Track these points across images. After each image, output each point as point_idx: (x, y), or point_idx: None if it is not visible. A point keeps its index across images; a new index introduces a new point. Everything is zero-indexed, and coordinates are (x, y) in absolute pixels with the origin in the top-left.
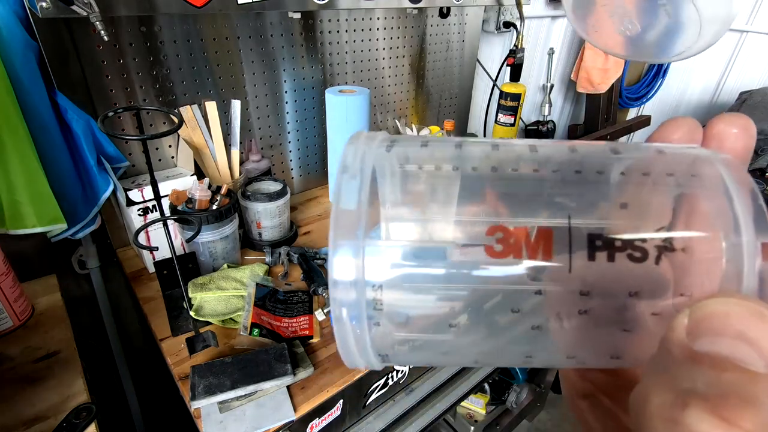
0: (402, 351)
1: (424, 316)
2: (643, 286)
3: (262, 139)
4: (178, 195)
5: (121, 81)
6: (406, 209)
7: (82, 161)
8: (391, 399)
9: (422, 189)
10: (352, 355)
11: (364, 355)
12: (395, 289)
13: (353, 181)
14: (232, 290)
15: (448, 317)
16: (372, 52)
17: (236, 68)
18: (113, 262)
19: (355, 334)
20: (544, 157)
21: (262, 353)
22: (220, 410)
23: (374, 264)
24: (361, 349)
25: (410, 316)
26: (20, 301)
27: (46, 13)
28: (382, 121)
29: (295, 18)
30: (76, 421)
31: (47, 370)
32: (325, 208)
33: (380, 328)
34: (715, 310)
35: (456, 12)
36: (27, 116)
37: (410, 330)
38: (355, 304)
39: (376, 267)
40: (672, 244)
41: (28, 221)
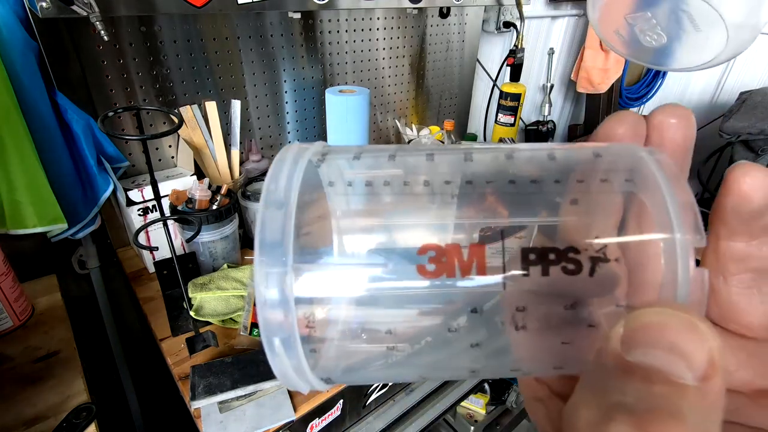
0: (343, 373)
1: (360, 339)
2: (579, 299)
3: (262, 139)
4: (178, 195)
5: (121, 81)
6: (348, 224)
7: (82, 161)
8: (391, 399)
9: (356, 207)
10: (292, 380)
11: (303, 379)
12: (328, 310)
13: (277, 212)
14: (232, 290)
15: (385, 340)
16: (372, 52)
17: (236, 68)
18: (113, 262)
19: (291, 363)
20: (479, 167)
21: (262, 353)
22: (220, 410)
23: (304, 287)
24: (300, 376)
25: (346, 340)
26: (20, 301)
27: (46, 13)
28: (382, 121)
29: (295, 18)
30: (76, 421)
31: (47, 370)
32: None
33: (316, 354)
34: (649, 321)
35: (456, 12)
36: (27, 116)
37: (347, 354)
38: (285, 330)
39: (306, 290)
40: (605, 255)
41: (28, 221)
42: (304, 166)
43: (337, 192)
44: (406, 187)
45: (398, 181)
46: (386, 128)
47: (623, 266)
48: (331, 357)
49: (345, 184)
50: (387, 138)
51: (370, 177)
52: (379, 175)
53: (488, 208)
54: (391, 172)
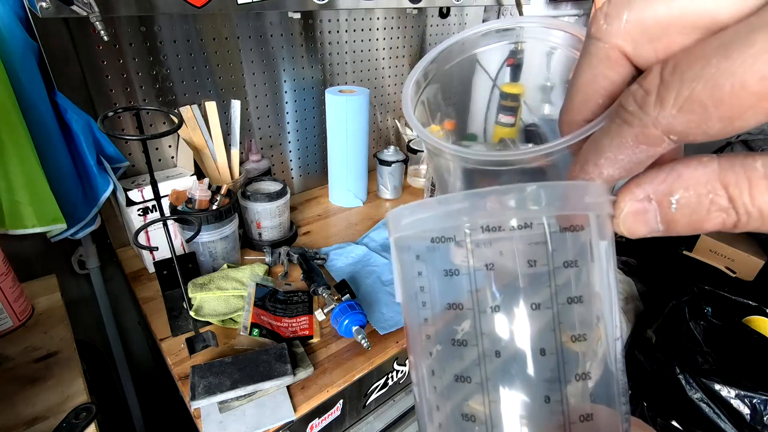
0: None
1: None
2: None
3: (262, 139)
4: (178, 195)
5: (121, 81)
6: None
7: (82, 161)
8: (391, 399)
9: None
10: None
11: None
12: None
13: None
14: (232, 290)
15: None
16: (372, 52)
17: (236, 68)
18: (113, 262)
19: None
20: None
21: (262, 353)
22: (220, 410)
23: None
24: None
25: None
26: (20, 301)
27: (46, 13)
28: (382, 121)
29: (295, 18)
30: (76, 421)
31: (47, 370)
32: (325, 208)
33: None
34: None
35: (456, 12)
36: (27, 116)
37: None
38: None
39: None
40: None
41: (27, 221)
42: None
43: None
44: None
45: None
46: (386, 128)
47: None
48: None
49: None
50: (387, 138)
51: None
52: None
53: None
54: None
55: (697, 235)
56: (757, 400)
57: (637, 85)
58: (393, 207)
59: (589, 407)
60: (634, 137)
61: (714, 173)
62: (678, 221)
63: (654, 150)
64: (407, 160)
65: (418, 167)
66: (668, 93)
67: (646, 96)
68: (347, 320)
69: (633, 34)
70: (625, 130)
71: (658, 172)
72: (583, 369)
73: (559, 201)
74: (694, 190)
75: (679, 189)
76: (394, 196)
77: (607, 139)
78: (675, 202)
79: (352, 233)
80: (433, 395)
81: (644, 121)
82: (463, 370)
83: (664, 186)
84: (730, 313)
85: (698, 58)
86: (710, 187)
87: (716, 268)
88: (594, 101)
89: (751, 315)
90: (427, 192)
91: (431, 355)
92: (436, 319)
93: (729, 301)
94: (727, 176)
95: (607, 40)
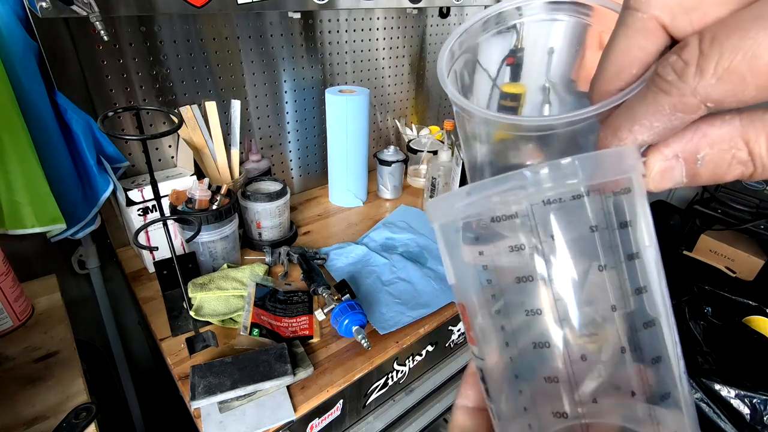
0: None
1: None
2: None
3: (262, 139)
4: (178, 195)
5: (121, 81)
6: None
7: (82, 161)
8: (391, 399)
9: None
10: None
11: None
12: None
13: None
14: (232, 290)
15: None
16: (372, 52)
17: (236, 68)
18: (113, 262)
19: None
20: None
21: (262, 353)
22: (220, 410)
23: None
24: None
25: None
26: (20, 301)
27: (46, 13)
28: (382, 121)
29: (295, 18)
30: (76, 421)
31: (47, 370)
32: (325, 208)
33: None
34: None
35: (456, 12)
36: (27, 116)
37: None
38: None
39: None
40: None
41: (27, 221)
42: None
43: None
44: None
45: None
46: (386, 128)
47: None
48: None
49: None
50: (387, 138)
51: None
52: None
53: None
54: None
55: (697, 236)
56: (757, 400)
57: (675, 56)
58: (393, 207)
59: (656, 351)
60: (671, 105)
61: (736, 130)
62: (702, 175)
63: (689, 117)
64: (407, 160)
65: (418, 167)
66: (708, 64)
67: (686, 66)
68: (347, 320)
69: (671, 5)
70: (663, 98)
71: (684, 131)
72: (649, 317)
73: (605, 168)
74: (718, 146)
75: (705, 147)
76: (394, 196)
77: (643, 106)
78: (701, 159)
79: (352, 233)
80: (510, 365)
81: (682, 90)
82: (540, 337)
83: (690, 145)
84: (730, 313)
85: (736, 30)
86: (733, 143)
87: (716, 268)
88: (628, 70)
89: (751, 315)
90: (427, 192)
91: (503, 329)
92: (504, 294)
93: (729, 301)
94: (749, 132)
95: (645, 10)
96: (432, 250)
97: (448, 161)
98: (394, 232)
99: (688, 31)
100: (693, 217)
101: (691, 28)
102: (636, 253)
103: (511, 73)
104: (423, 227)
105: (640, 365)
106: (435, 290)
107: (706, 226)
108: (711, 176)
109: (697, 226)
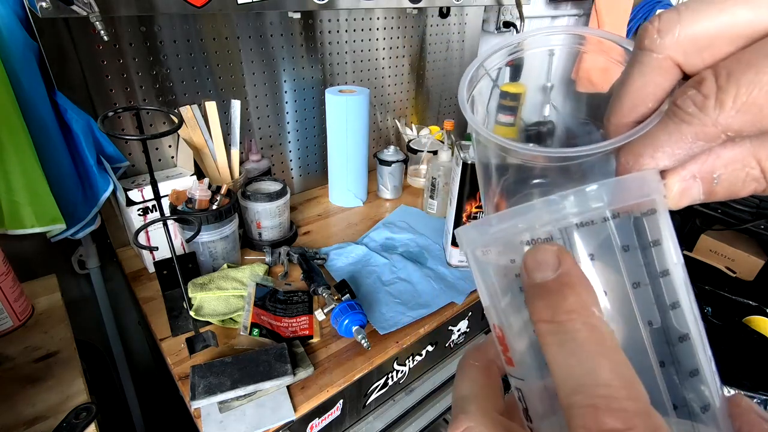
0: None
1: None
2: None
3: (262, 139)
4: (178, 195)
5: (121, 81)
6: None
7: (82, 161)
8: (391, 399)
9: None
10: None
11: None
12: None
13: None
14: (232, 290)
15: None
16: (372, 52)
17: (236, 68)
18: (113, 262)
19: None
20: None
21: (262, 353)
22: (220, 410)
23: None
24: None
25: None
26: (20, 301)
27: (46, 13)
28: (382, 121)
29: (295, 18)
30: (76, 421)
31: (47, 370)
32: (325, 208)
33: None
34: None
35: (456, 12)
36: (27, 116)
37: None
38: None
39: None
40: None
41: (26, 221)
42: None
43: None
44: None
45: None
46: (386, 128)
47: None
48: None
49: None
50: (387, 138)
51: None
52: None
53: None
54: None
55: (697, 236)
56: (757, 400)
57: (694, 90)
58: (393, 207)
59: (693, 364)
60: (693, 134)
61: (748, 150)
62: (718, 192)
63: (709, 145)
64: (407, 160)
65: (418, 167)
66: (726, 97)
67: (705, 100)
68: (347, 320)
69: (684, 45)
70: (685, 129)
71: (700, 154)
72: (682, 333)
73: (631, 191)
74: (732, 166)
75: (720, 167)
76: (394, 196)
77: (666, 135)
78: (717, 178)
79: (352, 233)
80: (551, 386)
81: (704, 121)
82: None
83: (706, 166)
84: (730, 313)
85: (750, 66)
86: (745, 162)
87: (716, 268)
88: (644, 105)
89: (751, 315)
90: (427, 192)
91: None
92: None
93: (729, 301)
94: (759, 152)
95: (660, 51)
96: (432, 250)
97: (448, 161)
98: (394, 232)
99: (699, 67)
100: (693, 217)
101: (703, 64)
102: (666, 271)
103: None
104: (423, 227)
105: (675, 378)
106: (435, 290)
107: (706, 226)
108: (727, 193)
109: (697, 226)
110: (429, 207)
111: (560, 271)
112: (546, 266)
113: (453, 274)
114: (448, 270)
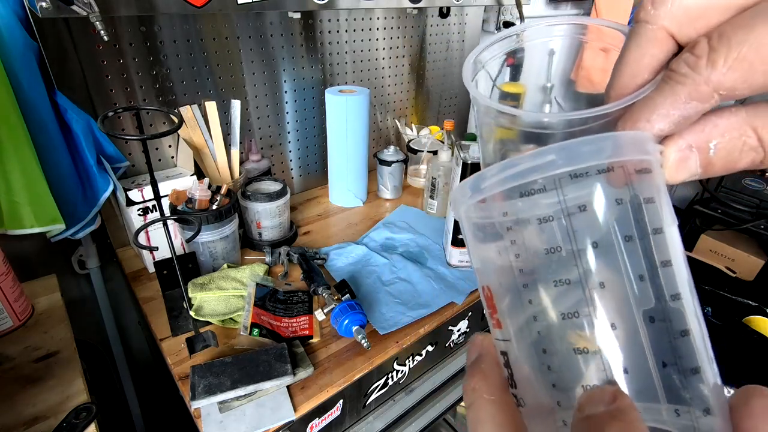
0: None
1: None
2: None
3: (262, 139)
4: (178, 195)
5: (121, 81)
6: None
7: (82, 161)
8: (391, 399)
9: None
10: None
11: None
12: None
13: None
14: (232, 290)
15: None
16: (372, 52)
17: (236, 68)
18: (113, 262)
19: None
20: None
21: (262, 353)
22: (220, 410)
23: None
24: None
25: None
26: (20, 301)
27: (46, 13)
28: (382, 121)
29: (295, 18)
30: (76, 421)
31: (47, 370)
32: (325, 208)
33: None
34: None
35: (456, 12)
36: (27, 116)
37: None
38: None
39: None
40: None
41: (26, 221)
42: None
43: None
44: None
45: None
46: (386, 128)
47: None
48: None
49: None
50: (387, 138)
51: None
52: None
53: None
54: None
55: (697, 236)
56: None
57: (687, 53)
58: (393, 207)
59: (684, 324)
60: (687, 94)
61: (744, 119)
62: (715, 163)
63: (703, 106)
64: (407, 160)
65: (418, 167)
66: (718, 56)
67: (698, 60)
68: (347, 320)
69: (677, 16)
70: (679, 89)
71: (696, 124)
72: (675, 290)
73: (628, 146)
74: (729, 135)
75: (717, 136)
76: (394, 196)
77: (661, 97)
78: (713, 147)
79: (352, 233)
80: (538, 340)
81: (696, 81)
82: (569, 307)
83: (703, 135)
84: (730, 313)
85: (741, 26)
86: (742, 131)
87: (716, 268)
88: (641, 75)
89: (751, 315)
90: (427, 192)
91: (531, 302)
92: (533, 267)
93: (729, 301)
94: (755, 120)
95: (655, 22)
96: (432, 250)
97: (448, 161)
98: (394, 232)
99: (693, 37)
100: (693, 217)
101: (696, 34)
102: (659, 228)
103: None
104: (423, 227)
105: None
106: (435, 290)
107: (706, 226)
108: (724, 164)
109: (697, 226)
110: (429, 207)
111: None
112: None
113: (453, 274)
114: (448, 270)
